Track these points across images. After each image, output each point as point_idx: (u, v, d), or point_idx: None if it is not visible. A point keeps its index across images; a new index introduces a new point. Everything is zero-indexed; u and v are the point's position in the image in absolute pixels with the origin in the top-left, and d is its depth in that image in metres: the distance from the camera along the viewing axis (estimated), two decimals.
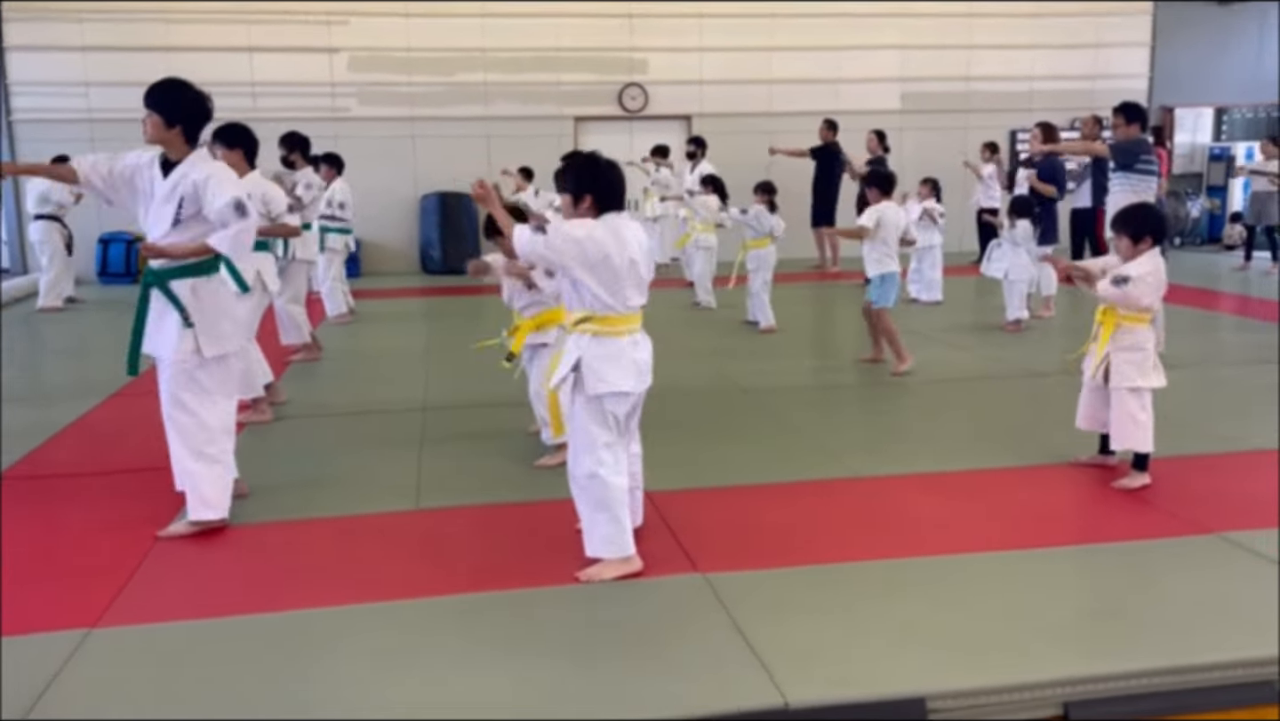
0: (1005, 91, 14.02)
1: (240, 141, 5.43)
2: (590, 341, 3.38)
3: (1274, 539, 3.63)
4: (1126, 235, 4.37)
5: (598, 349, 3.37)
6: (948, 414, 5.68)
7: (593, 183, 3.44)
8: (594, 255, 3.29)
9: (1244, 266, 11.68)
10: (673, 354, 7.47)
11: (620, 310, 3.38)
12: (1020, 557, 3.58)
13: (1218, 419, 5.45)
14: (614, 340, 3.38)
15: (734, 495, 4.31)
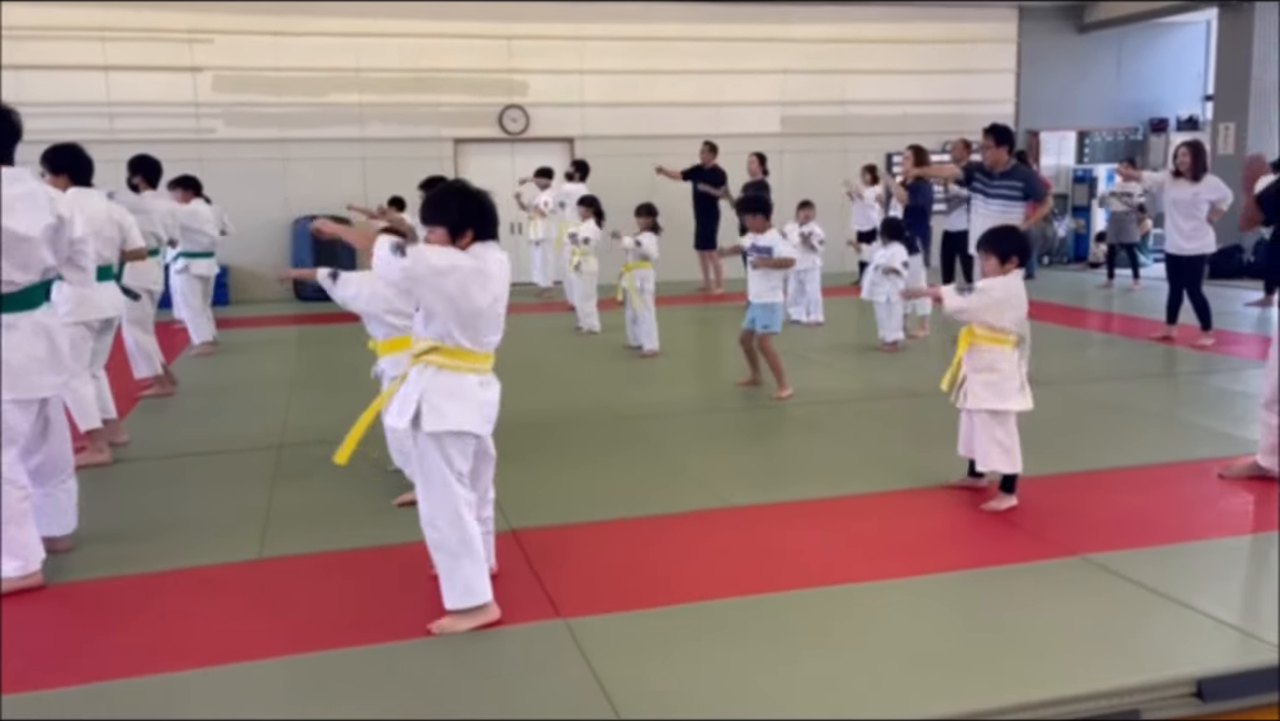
0: (880, 115, 14.32)
1: (66, 165, 5.03)
2: (433, 375, 3.17)
3: (1134, 560, 3.64)
4: (994, 255, 4.39)
5: (440, 383, 3.16)
6: (825, 438, 5.63)
7: (474, 215, 3.23)
8: (454, 290, 3.09)
9: (1108, 284, 12.12)
10: (551, 380, 7.33)
11: (471, 347, 3.17)
12: (889, 588, 3.49)
13: (1082, 437, 5.54)
14: (459, 376, 3.17)
15: (604, 531, 4.14)
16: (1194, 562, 3.66)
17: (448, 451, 3.15)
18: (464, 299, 3.11)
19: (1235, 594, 3.41)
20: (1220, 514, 4.22)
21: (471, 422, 3.16)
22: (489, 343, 3.22)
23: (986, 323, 4.30)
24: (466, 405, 3.16)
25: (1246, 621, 3.14)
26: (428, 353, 3.18)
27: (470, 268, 3.12)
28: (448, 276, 3.08)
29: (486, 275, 3.15)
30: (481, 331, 3.19)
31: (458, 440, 3.16)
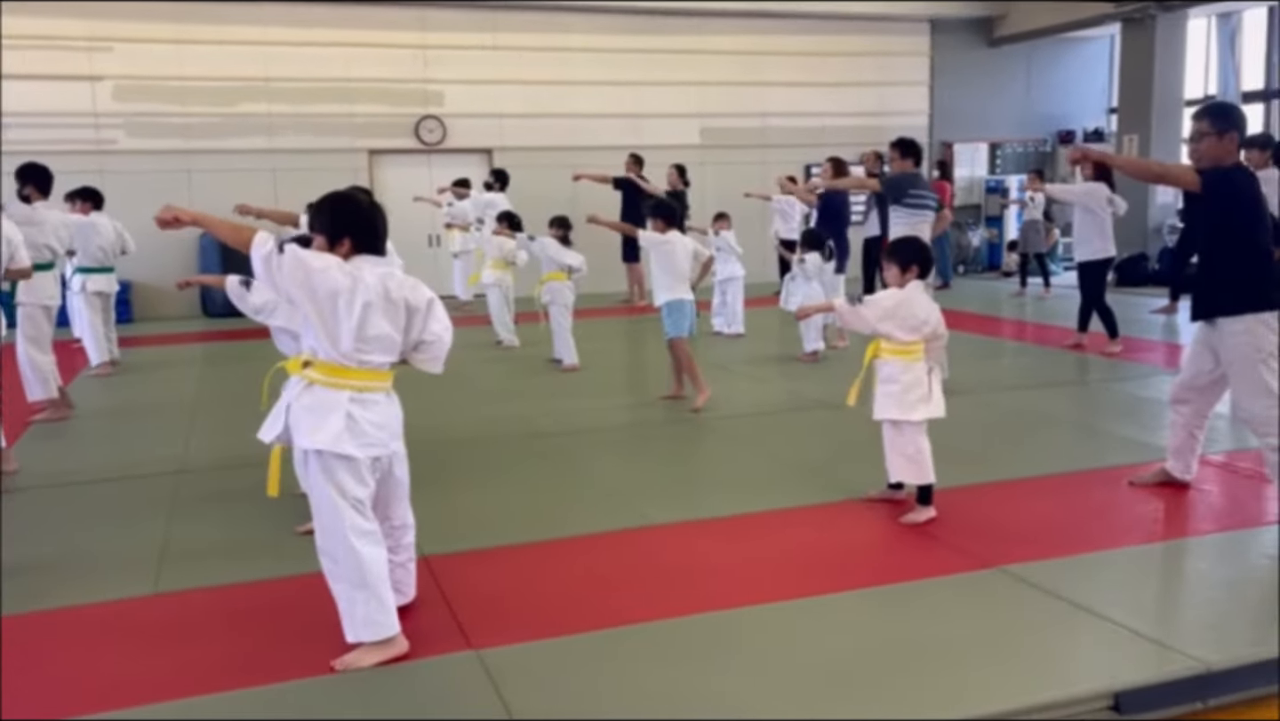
0: (799, 127, 14.46)
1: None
2: (303, 390, 3.03)
3: (1050, 571, 3.65)
4: (895, 265, 4.41)
5: (308, 399, 3.02)
6: (745, 451, 5.58)
7: (353, 224, 3.10)
8: (322, 290, 2.95)
9: (1020, 292, 12.38)
10: (468, 397, 7.16)
11: (341, 361, 3.02)
12: (808, 607, 3.43)
13: (998, 446, 5.59)
14: (329, 392, 3.02)
15: (520, 554, 4.01)
16: (1109, 572, 3.68)
17: (336, 476, 3.00)
18: (328, 302, 2.97)
19: (1150, 603, 3.43)
20: (1132, 522, 4.26)
21: (347, 444, 3.00)
22: (370, 361, 3.05)
23: (882, 333, 4.31)
24: (335, 422, 2.99)
25: (1162, 631, 3.15)
26: (305, 366, 3.04)
27: (341, 273, 2.98)
28: (315, 275, 2.94)
29: (359, 282, 3.00)
30: (346, 341, 3.01)
31: (346, 463, 3.01)
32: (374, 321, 3.03)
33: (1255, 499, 4.47)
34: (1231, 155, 4.19)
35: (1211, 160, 4.19)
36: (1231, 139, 4.17)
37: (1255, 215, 4.08)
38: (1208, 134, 4.17)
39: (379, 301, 3.03)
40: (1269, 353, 4.06)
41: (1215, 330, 4.21)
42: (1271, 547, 3.90)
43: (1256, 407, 4.08)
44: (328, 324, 2.99)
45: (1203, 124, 4.20)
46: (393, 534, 3.30)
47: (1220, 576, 3.65)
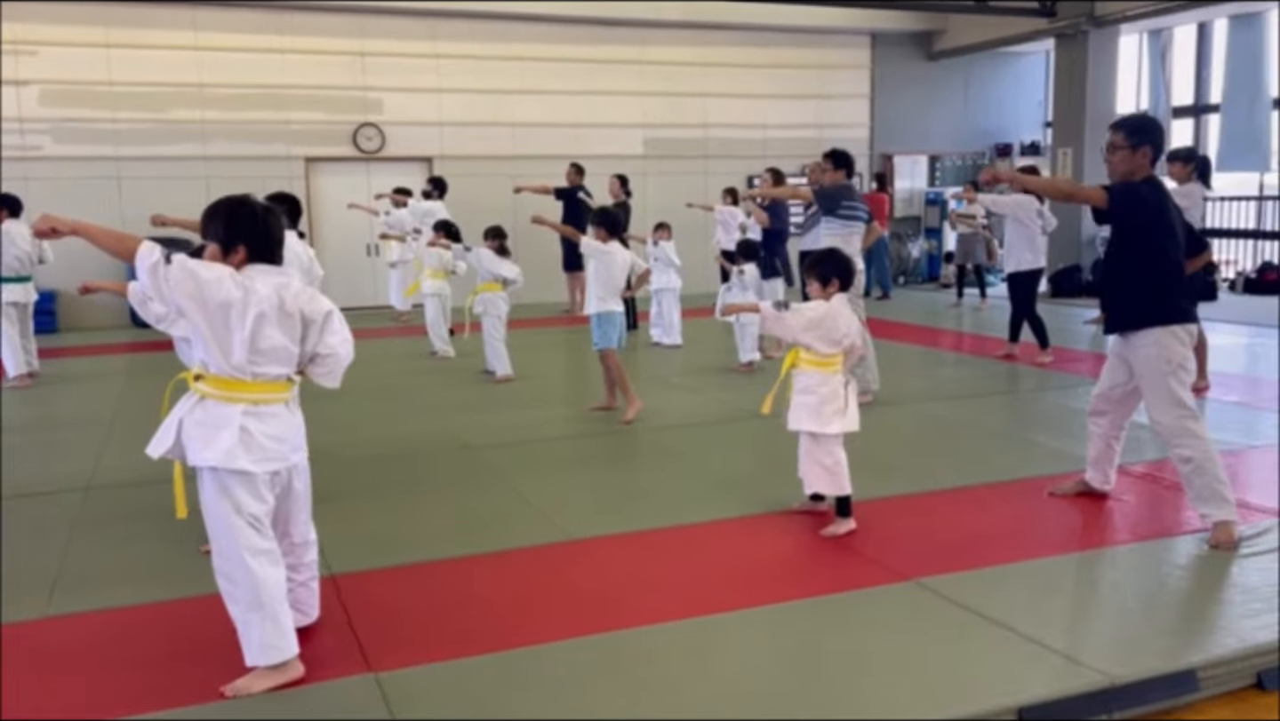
0: (741, 139, 14.51)
1: None
2: (195, 404, 2.93)
3: (964, 583, 3.64)
4: (816, 278, 4.39)
5: (200, 413, 2.92)
6: (673, 464, 5.53)
7: (248, 232, 3.00)
8: (211, 299, 2.85)
9: (957, 303, 12.50)
10: (398, 408, 7.04)
11: (234, 374, 2.92)
12: (723, 623, 3.38)
13: (925, 456, 5.60)
14: (222, 406, 2.92)
15: (432, 571, 3.91)
16: (1022, 584, 3.68)
17: (232, 493, 2.90)
18: (219, 312, 2.86)
19: (1060, 616, 3.42)
20: (1049, 533, 4.28)
21: (241, 459, 2.89)
22: (264, 373, 2.95)
23: (803, 343, 4.29)
24: (228, 439, 2.89)
25: (1070, 644, 3.14)
26: (196, 379, 2.94)
27: (233, 283, 2.88)
28: (206, 285, 2.84)
29: (251, 292, 2.90)
30: (238, 353, 2.90)
31: (242, 479, 2.90)
32: (268, 333, 2.92)
33: (1173, 509, 4.50)
34: (1144, 169, 4.21)
35: (1124, 173, 4.22)
36: (1145, 153, 4.19)
37: (1163, 228, 4.11)
38: (1121, 147, 4.20)
39: (273, 312, 2.93)
40: (1178, 364, 4.10)
41: (1128, 343, 4.25)
42: (1184, 557, 3.94)
43: (1167, 419, 4.11)
44: (219, 336, 2.89)
45: (1117, 137, 4.23)
46: (293, 551, 3.19)
47: (1132, 587, 3.66)
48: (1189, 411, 4.10)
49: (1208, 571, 3.80)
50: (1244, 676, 3.09)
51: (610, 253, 6.50)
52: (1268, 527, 4.20)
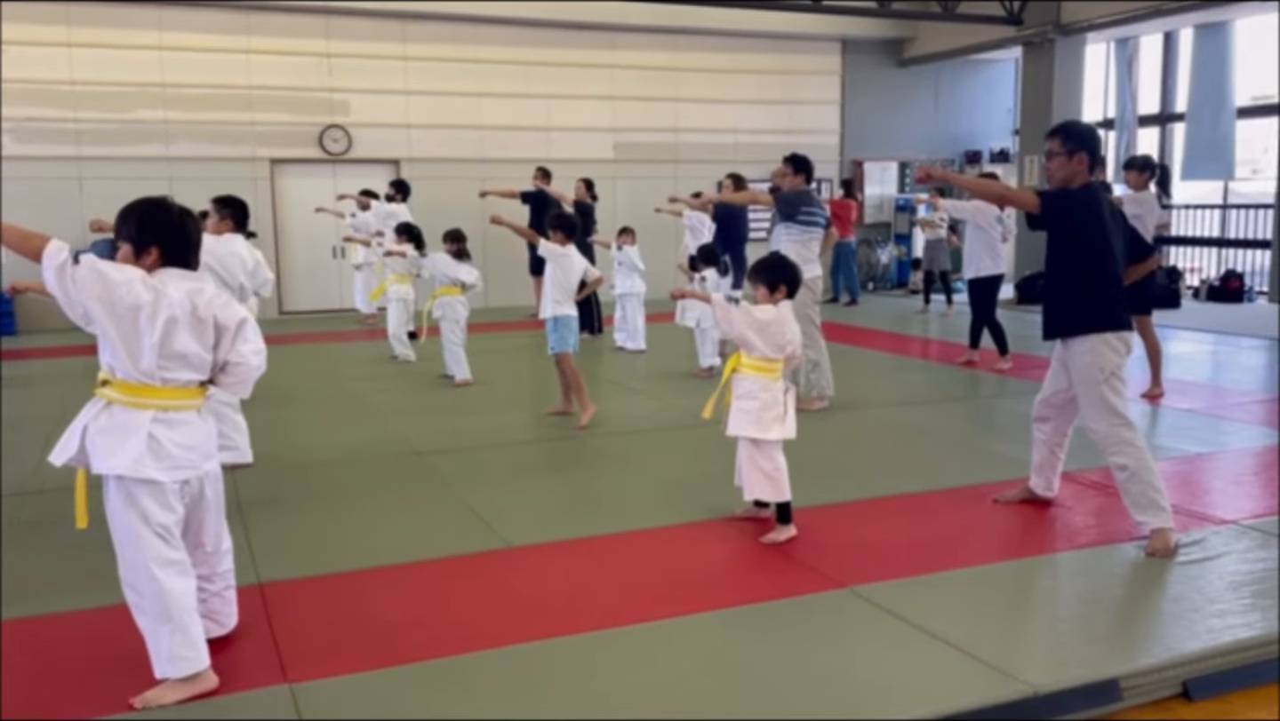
0: (711, 143, 14.50)
1: None
2: (100, 410, 2.87)
3: (899, 592, 3.62)
4: (763, 284, 4.36)
5: (106, 420, 2.86)
6: (622, 469, 5.50)
7: (160, 233, 2.95)
8: (120, 302, 2.78)
9: (923, 310, 12.54)
10: (352, 413, 6.97)
11: (141, 379, 2.86)
12: (654, 631, 3.35)
13: (876, 462, 5.59)
14: (129, 413, 2.86)
15: (363, 580, 3.85)
16: (957, 592, 3.66)
17: (139, 502, 2.84)
18: (128, 315, 2.80)
19: (992, 624, 3.39)
20: (989, 540, 4.27)
21: (150, 468, 2.83)
22: (174, 379, 2.89)
23: (748, 342, 4.26)
24: (135, 447, 2.82)
25: (998, 654, 3.12)
26: (103, 384, 2.88)
27: (143, 286, 2.82)
28: (115, 287, 2.78)
29: (163, 296, 2.83)
30: (147, 359, 2.84)
31: (150, 489, 2.84)
32: (179, 338, 2.86)
33: (1116, 516, 4.49)
34: (1082, 175, 4.20)
35: (1062, 180, 4.21)
36: (1081, 159, 4.17)
37: (1097, 235, 4.10)
38: (1057, 154, 4.19)
39: (185, 318, 2.88)
40: (1111, 372, 4.10)
41: (1066, 349, 4.25)
42: (1120, 565, 3.94)
43: (1101, 426, 4.11)
44: (127, 340, 2.83)
45: (1053, 143, 4.22)
46: (207, 560, 3.13)
47: (1066, 595, 3.65)
48: (1122, 420, 4.10)
49: (1143, 579, 3.80)
50: (1169, 686, 3.08)
51: (569, 256, 6.48)
52: (1205, 536, 4.20)
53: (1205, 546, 4.08)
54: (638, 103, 14.13)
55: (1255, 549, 4.06)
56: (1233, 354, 9.28)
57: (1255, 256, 13.26)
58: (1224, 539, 4.18)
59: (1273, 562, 3.89)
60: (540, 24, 13.29)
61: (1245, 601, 3.53)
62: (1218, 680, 3.11)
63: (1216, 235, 13.79)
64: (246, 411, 6.92)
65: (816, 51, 15.03)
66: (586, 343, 10.38)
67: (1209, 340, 10.09)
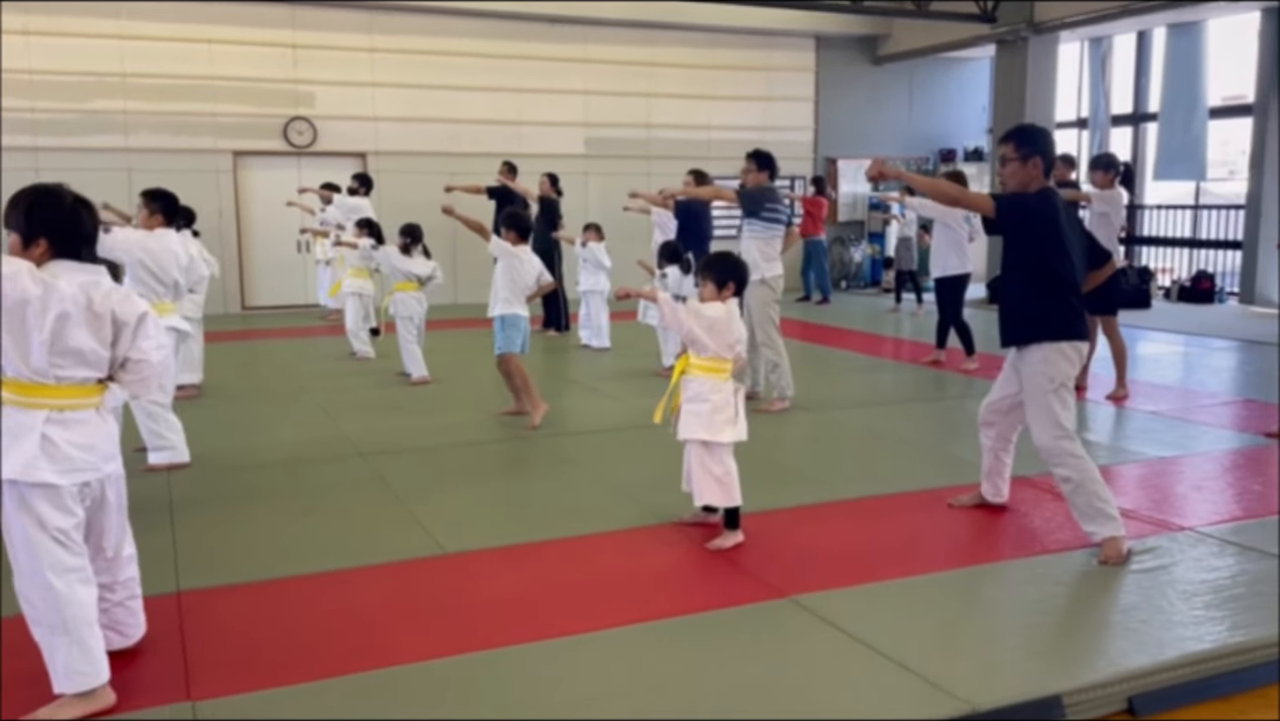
0: (684, 139, 14.36)
1: None
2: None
3: (841, 601, 3.50)
4: (711, 281, 4.23)
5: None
6: (571, 471, 5.36)
7: (49, 224, 2.79)
8: (6, 297, 2.63)
9: (895, 308, 12.45)
10: (299, 412, 6.79)
11: (33, 378, 2.70)
12: (585, 643, 3.21)
13: (833, 465, 5.48)
14: (21, 413, 2.69)
15: (288, 588, 3.70)
16: (900, 602, 3.54)
17: (34, 507, 2.68)
18: (17, 311, 2.65)
19: (932, 637, 3.27)
20: (940, 547, 4.15)
21: (37, 470, 2.67)
22: (69, 377, 2.74)
23: (696, 340, 4.13)
24: (28, 449, 2.67)
25: (936, 669, 3.00)
26: None
27: (30, 280, 2.66)
28: None
29: (53, 291, 2.68)
30: (49, 362, 2.70)
31: (45, 492, 2.69)
32: (71, 334, 2.71)
33: (1068, 522, 4.38)
34: (1038, 179, 4.07)
35: (1017, 185, 4.09)
36: (1035, 164, 4.05)
37: (1054, 242, 3.99)
38: (1011, 159, 4.07)
39: (79, 312, 2.72)
40: (1060, 383, 4.00)
41: (1020, 356, 4.14)
42: (1070, 574, 3.83)
43: (1045, 439, 4.01)
44: (15, 337, 2.67)
45: (1006, 148, 4.10)
46: (108, 567, 2.97)
47: (1012, 606, 3.54)
48: (1065, 432, 4.00)
49: (1092, 589, 3.69)
50: (1114, 701, 2.97)
51: (519, 257, 6.35)
52: (1160, 542, 4.11)
53: (1159, 554, 3.98)
54: (610, 98, 13.98)
55: (1210, 557, 3.96)
56: (1201, 355, 9.23)
57: (1227, 257, 13.25)
58: (1180, 545, 4.09)
59: (1226, 571, 3.80)
60: (511, 17, 13.12)
61: (1197, 612, 3.43)
62: (1164, 696, 3.00)
63: (1188, 236, 13.77)
64: (194, 409, 6.77)
65: (791, 48, 14.92)
66: (552, 340, 10.27)
67: (1178, 341, 10.04)
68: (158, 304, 5.18)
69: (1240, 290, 12.67)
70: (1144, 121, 14.09)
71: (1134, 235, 14.33)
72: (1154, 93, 13.78)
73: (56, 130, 11.47)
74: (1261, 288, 12.27)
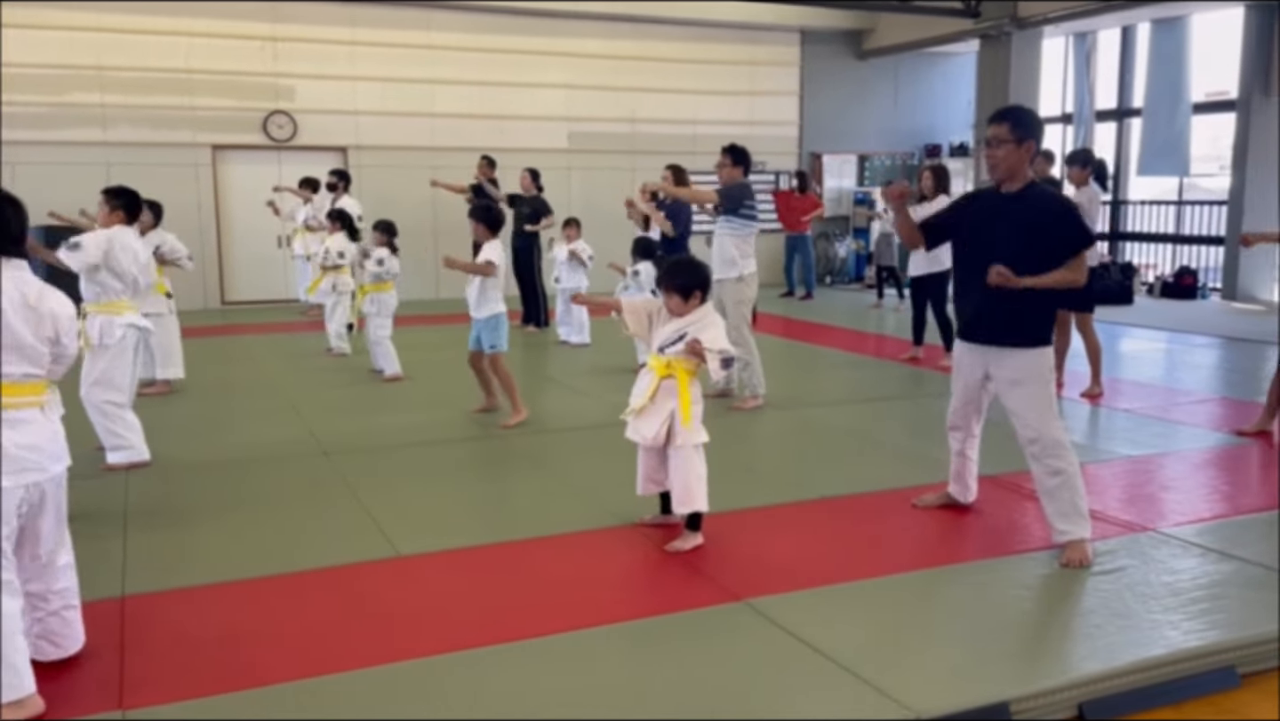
0: (669, 134, 14.28)
1: None
2: None
3: (796, 604, 3.46)
4: (676, 292, 4.10)
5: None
6: (540, 472, 5.30)
7: None
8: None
9: (877, 304, 12.41)
10: (267, 409, 6.72)
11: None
12: (535, 647, 3.16)
13: (801, 465, 5.44)
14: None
15: (233, 592, 3.64)
16: (857, 605, 3.50)
17: None
18: None
19: (884, 642, 3.22)
20: (903, 547, 4.11)
21: None
22: (11, 374, 2.69)
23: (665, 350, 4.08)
24: None
25: (885, 675, 2.95)
26: None
27: None
28: None
29: None
30: None
31: None
32: (7, 329, 2.66)
33: (1034, 522, 4.35)
34: (1024, 167, 3.95)
35: (1007, 169, 3.92)
36: (1029, 148, 3.89)
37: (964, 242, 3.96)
38: (1006, 140, 3.88)
39: (14, 308, 2.68)
40: (1052, 376, 3.98)
41: (995, 352, 4.04)
42: (1031, 576, 3.79)
43: (1048, 429, 3.90)
44: None
45: (1000, 129, 3.88)
46: (41, 575, 2.91)
47: (971, 609, 3.49)
48: (1062, 423, 3.97)
49: (1052, 592, 3.66)
50: (1064, 708, 2.93)
51: (491, 249, 6.28)
52: (1124, 544, 4.07)
53: (1122, 556, 3.95)
54: (594, 92, 13.90)
55: (1172, 559, 3.92)
56: (1181, 352, 9.20)
57: (1210, 252, 13.23)
58: (1142, 547, 4.05)
59: (1187, 575, 3.76)
60: (494, 10, 13.03)
61: (1154, 616, 3.39)
62: (1114, 702, 2.96)
63: (1172, 231, 13.75)
64: (164, 405, 6.71)
65: (775, 42, 14.85)
66: (531, 336, 10.21)
67: (1159, 338, 10.02)
68: (115, 302, 5.13)
69: (1223, 286, 12.65)
70: (1128, 117, 14.06)
71: (1118, 231, 14.31)
72: (1139, 88, 13.75)
73: (31, 124, 11.34)
74: (1244, 283, 12.26)
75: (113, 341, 4.99)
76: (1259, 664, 3.22)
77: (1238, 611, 3.42)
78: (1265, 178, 11.94)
